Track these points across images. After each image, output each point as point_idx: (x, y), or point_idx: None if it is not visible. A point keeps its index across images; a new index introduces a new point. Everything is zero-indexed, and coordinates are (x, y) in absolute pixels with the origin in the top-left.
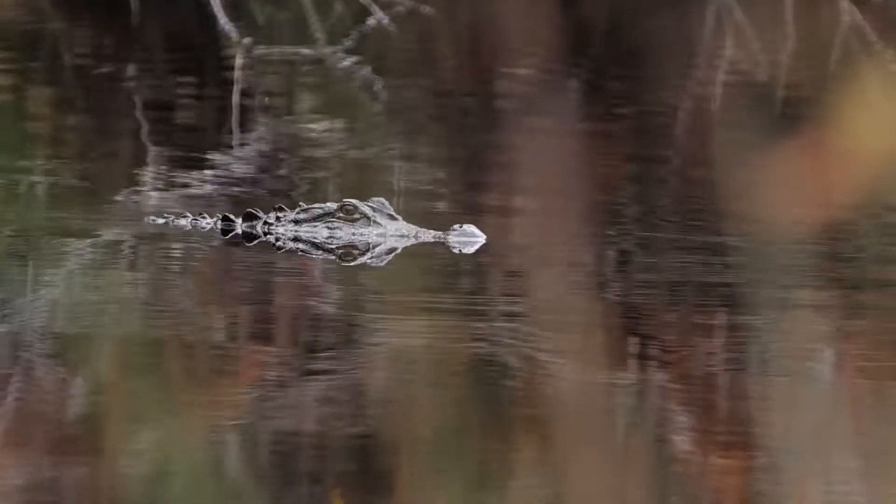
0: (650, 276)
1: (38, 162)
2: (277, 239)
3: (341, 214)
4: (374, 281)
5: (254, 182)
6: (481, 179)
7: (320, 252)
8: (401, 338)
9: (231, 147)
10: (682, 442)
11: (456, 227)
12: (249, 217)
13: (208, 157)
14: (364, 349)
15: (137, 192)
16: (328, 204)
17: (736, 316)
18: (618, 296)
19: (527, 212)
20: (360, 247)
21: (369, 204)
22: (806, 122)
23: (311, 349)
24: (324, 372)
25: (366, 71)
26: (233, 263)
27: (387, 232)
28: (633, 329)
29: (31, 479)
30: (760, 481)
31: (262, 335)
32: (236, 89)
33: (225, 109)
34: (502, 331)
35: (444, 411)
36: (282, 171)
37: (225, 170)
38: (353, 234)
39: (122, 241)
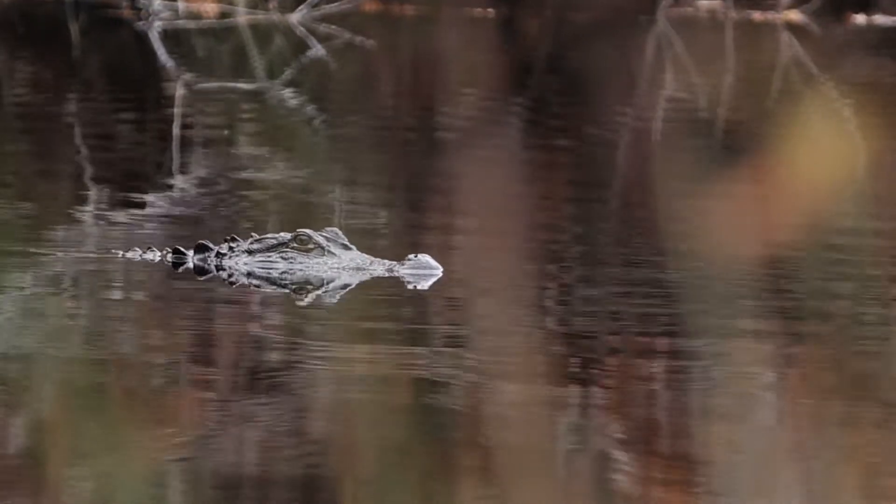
0: (591, 307)
1: None
2: (231, 274)
3: (295, 245)
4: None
5: (195, 216)
6: (422, 210)
7: (274, 287)
8: (343, 365)
9: (172, 179)
10: (623, 466)
11: (411, 256)
12: (201, 249)
13: (148, 190)
14: (307, 375)
15: (77, 226)
16: (282, 234)
17: (677, 344)
18: (559, 325)
19: (468, 244)
20: (313, 282)
21: (323, 234)
22: (746, 153)
23: (254, 377)
24: (266, 403)
25: (305, 103)
26: (182, 299)
27: (341, 262)
28: (573, 354)
29: None
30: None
31: (206, 363)
32: (176, 122)
33: (165, 142)
34: (445, 357)
35: (387, 437)
36: (223, 204)
37: (165, 203)
38: (307, 264)
39: (64, 274)
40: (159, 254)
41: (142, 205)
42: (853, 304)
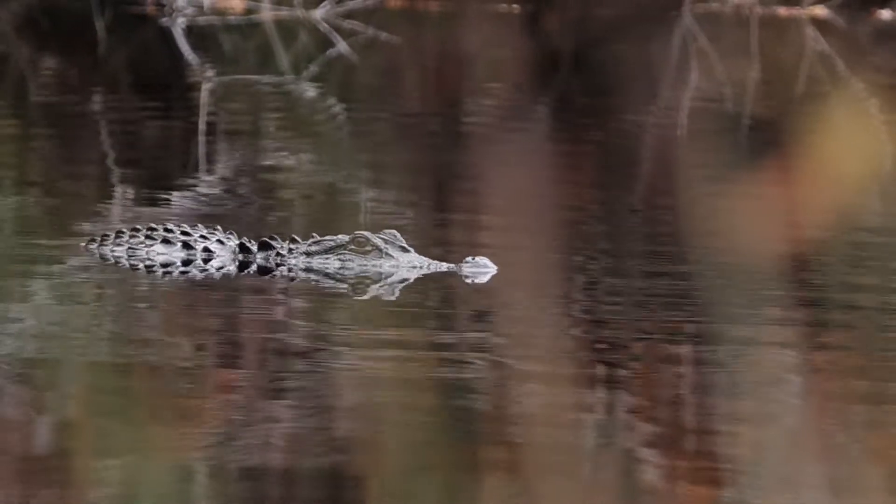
0: (617, 301)
1: (6, 191)
2: (290, 270)
3: (353, 246)
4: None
5: (220, 211)
6: (447, 205)
7: (332, 283)
8: (370, 363)
9: (197, 175)
10: (650, 467)
11: (469, 258)
12: (265, 246)
13: (174, 185)
14: (333, 375)
15: (103, 222)
16: (340, 236)
17: (702, 343)
18: (585, 319)
19: (494, 240)
20: (372, 277)
21: (381, 236)
22: (772, 148)
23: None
24: (293, 398)
25: (330, 99)
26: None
27: (399, 264)
28: (600, 353)
29: None
30: (727, 494)
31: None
32: (202, 118)
33: (191, 138)
34: (472, 355)
35: (412, 437)
36: (248, 200)
37: (191, 199)
38: (365, 266)
39: (89, 273)
40: (234, 240)
41: (167, 201)
42: (879, 300)
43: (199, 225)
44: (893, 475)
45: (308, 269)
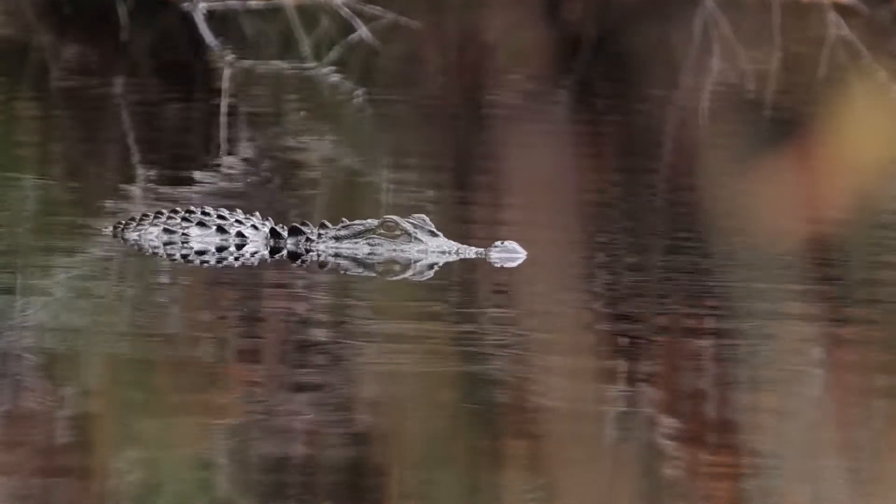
0: (639, 283)
1: (29, 172)
2: (319, 255)
3: (382, 231)
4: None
5: (242, 194)
6: (469, 189)
7: (361, 269)
8: (391, 355)
9: (219, 159)
10: (671, 449)
11: (498, 243)
12: (295, 231)
13: (196, 169)
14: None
15: (124, 205)
16: (369, 220)
17: (724, 324)
18: (606, 303)
19: (516, 221)
20: (401, 263)
21: (410, 220)
22: (794, 133)
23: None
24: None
25: (351, 83)
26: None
27: (428, 248)
28: (619, 331)
29: (19, 498)
30: (749, 485)
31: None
32: (224, 103)
33: (213, 122)
34: (492, 340)
35: (433, 423)
36: (270, 185)
37: (213, 183)
38: (394, 250)
39: (112, 258)
40: (268, 226)
41: (190, 183)
42: None
43: (238, 210)
44: None
45: (337, 254)
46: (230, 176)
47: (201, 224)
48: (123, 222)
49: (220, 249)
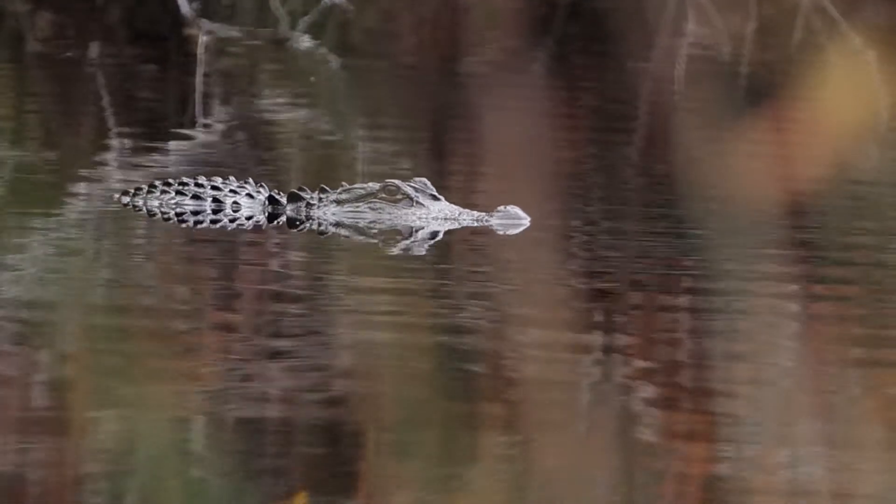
0: (614, 253)
1: (2, 141)
2: (320, 223)
3: (383, 195)
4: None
5: (218, 163)
6: (444, 157)
7: (363, 237)
8: (367, 316)
9: (194, 128)
10: (646, 419)
11: (500, 208)
12: (294, 197)
13: (171, 138)
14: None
15: (100, 172)
16: (370, 184)
17: (700, 293)
18: (582, 271)
19: (490, 190)
20: (403, 231)
21: (412, 184)
22: (769, 98)
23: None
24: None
25: (325, 50)
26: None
27: (429, 213)
28: (598, 304)
29: None
30: (724, 456)
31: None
32: (199, 70)
33: (188, 90)
34: (469, 309)
35: (409, 391)
36: (245, 152)
37: (188, 150)
38: (395, 214)
39: (88, 218)
40: (265, 193)
41: (164, 151)
42: (875, 251)
43: (231, 178)
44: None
45: (337, 219)
46: (206, 143)
47: (196, 197)
48: (132, 191)
49: (216, 222)
